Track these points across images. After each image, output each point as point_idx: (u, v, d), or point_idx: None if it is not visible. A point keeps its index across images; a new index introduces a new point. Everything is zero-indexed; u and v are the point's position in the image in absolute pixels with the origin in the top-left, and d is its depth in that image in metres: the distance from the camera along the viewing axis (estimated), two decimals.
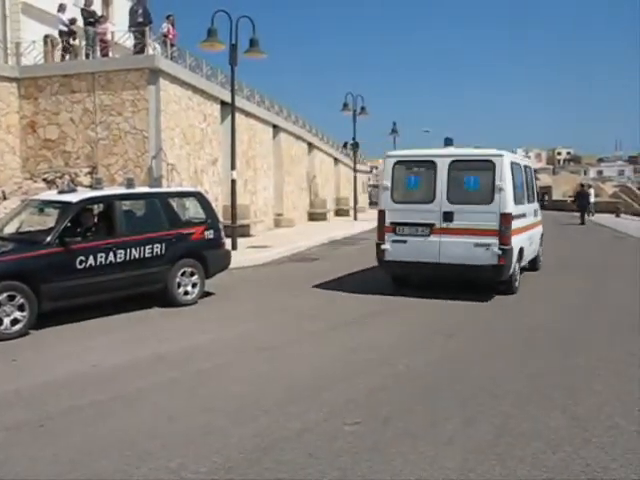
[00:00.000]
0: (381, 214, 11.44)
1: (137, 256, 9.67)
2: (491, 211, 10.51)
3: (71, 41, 18.84)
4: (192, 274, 10.44)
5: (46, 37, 19.47)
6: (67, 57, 18.68)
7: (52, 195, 10.64)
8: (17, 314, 8.18)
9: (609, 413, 5.34)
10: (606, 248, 19.94)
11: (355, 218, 32.99)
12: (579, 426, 5.06)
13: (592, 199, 36.65)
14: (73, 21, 19.06)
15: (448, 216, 10.78)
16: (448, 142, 12.03)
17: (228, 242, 12.56)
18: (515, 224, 10.82)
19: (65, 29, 18.69)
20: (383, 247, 11.29)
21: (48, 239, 8.77)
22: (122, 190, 10.53)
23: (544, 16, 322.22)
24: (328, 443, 4.74)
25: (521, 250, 11.40)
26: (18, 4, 26.71)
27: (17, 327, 8.17)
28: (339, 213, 37.83)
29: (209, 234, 10.86)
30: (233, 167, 17.30)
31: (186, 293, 10.36)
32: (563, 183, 59.18)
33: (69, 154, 17.80)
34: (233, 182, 17.26)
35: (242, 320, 9.20)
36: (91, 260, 9.06)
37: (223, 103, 20.95)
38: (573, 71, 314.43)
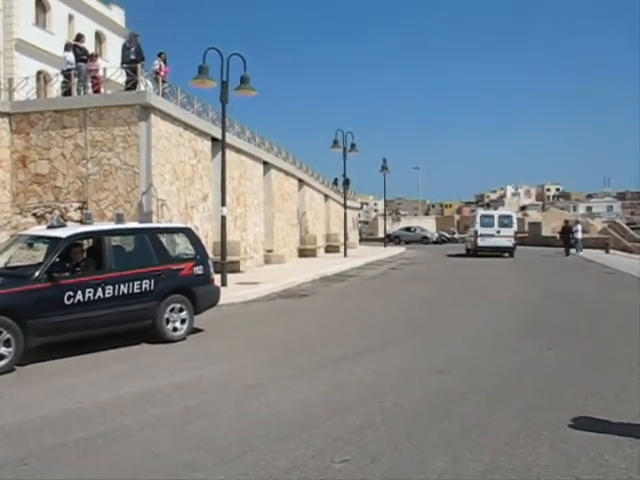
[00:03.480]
0: (475, 232, 34.90)
1: (126, 292, 9.64)
2: (511, 230, 34.88)
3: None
4: (181, 310, 10.40)
5: (39, 73, 19.59)
6: (74, 93, 18.51)
7: (41, 230, 10.61)
8: (3, 350, 8.09)
9: (599, 450, 5.31)
10: (596, 283, 20.02)
11: (345, 254, 32.85)
12: (568, 463, 5.03)
13: (579, 235, 37.25)
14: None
15: (498, 232, 34.42)
16: (494, 207, 56.08)
17: (218, 278, 12.54)
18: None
19: (72, 67, 18.66)
20: (476, 241, 34.71)
21: (36, 274, 8.73)
22: (112, 225, 10.54)
23: (533, 53, 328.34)
24: None
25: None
26: (12, 41, 27.12)
27: (3, 363, 8.07)
28: (329, 249, 37.82)
29: (198, 270, 10.84)
30: (223, 203, 17.37)
31: (175, 329, 10.30)
32: (553, 219, 59.54)
33: (59, 189, 17.83)
34: (223, 218, 17.31)
35: (230, 356, 9.14)
36: (79, 295, 9.02)
37: (214, 139, 21.11)
38: (561, 109, 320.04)
